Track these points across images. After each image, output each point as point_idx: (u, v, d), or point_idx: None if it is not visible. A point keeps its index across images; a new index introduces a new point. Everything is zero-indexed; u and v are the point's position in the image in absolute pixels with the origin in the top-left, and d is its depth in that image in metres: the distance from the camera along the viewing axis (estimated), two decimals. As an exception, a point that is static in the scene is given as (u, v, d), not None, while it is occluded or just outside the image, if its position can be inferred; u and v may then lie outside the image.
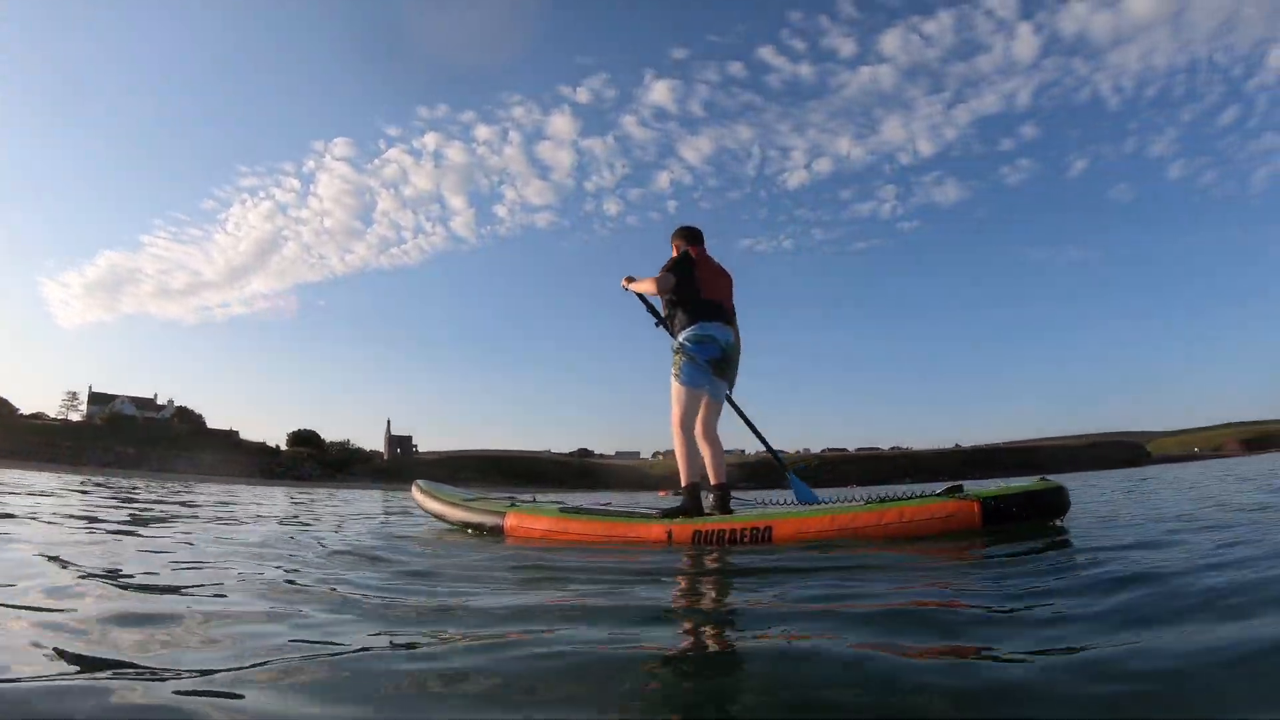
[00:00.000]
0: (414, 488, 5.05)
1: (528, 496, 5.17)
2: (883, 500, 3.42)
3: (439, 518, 4.71)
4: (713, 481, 4.03)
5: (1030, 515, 3.18)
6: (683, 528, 3.60)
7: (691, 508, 3.81)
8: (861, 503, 3.45)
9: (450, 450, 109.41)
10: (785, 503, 4.00)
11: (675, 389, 3.90)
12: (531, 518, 4.06)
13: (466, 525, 4.44)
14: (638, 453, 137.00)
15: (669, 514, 3.79)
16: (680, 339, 3.92)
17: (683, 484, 3.92)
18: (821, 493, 4.17)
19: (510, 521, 4.12)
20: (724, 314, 4.00)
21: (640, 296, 4.16)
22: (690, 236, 4.21)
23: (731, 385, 4.15)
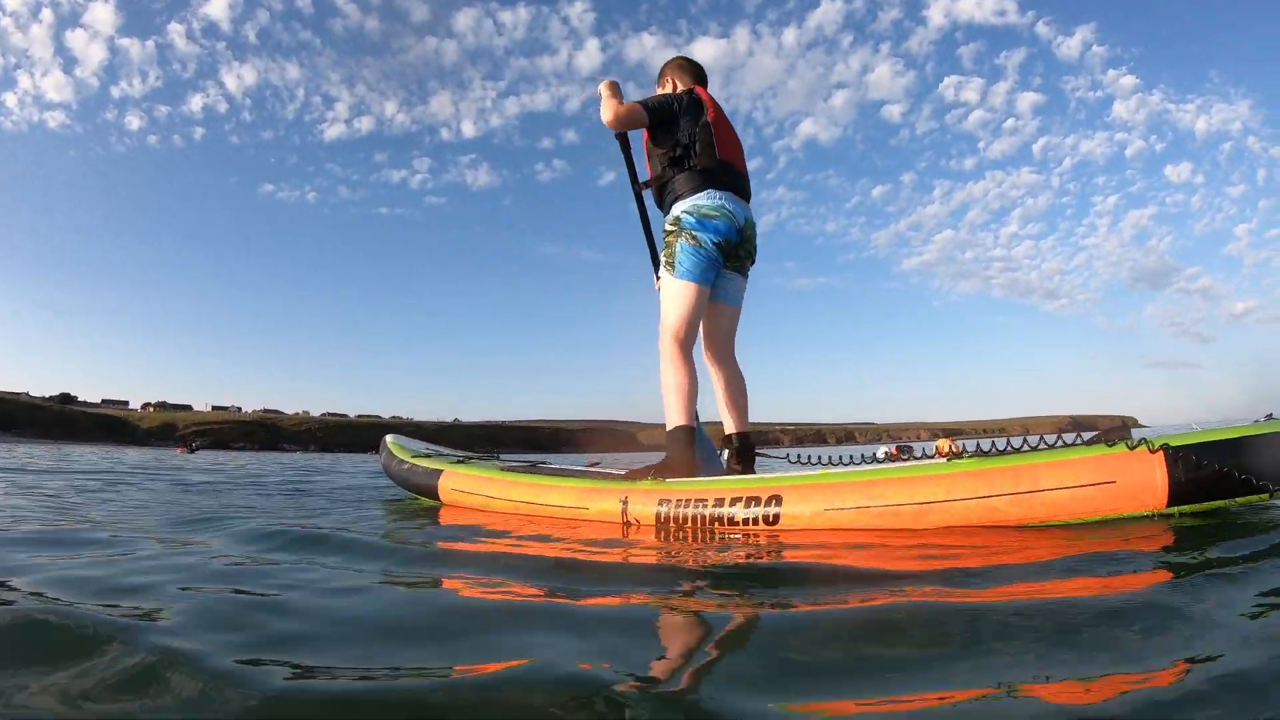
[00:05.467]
0: (382, 446, 3.89)
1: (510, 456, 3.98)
2: (994, 453, 1.95)
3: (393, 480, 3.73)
4: (732, 428, 2.76)
5: (1265, 481, 1.69)
6: (645, 496, 2.32)
7: (678, 463, 2.50)
8: (943, 460, 2.03)
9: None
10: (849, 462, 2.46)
11: (669, 285, 2.62)
12: (467, 476, 3.18)
13: (406, 487, 3.57)
14: (126, 402, 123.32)
15: (637, 474, 2.58)
16: (678, 211, 2.64)
17: (668, 425, 2.56)
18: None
19: (445, 481, 3.22)
20: (743, 185, 2.72)
21: (622, 142, 2.78)
22: (696, 73, 2.89)
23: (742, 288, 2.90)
